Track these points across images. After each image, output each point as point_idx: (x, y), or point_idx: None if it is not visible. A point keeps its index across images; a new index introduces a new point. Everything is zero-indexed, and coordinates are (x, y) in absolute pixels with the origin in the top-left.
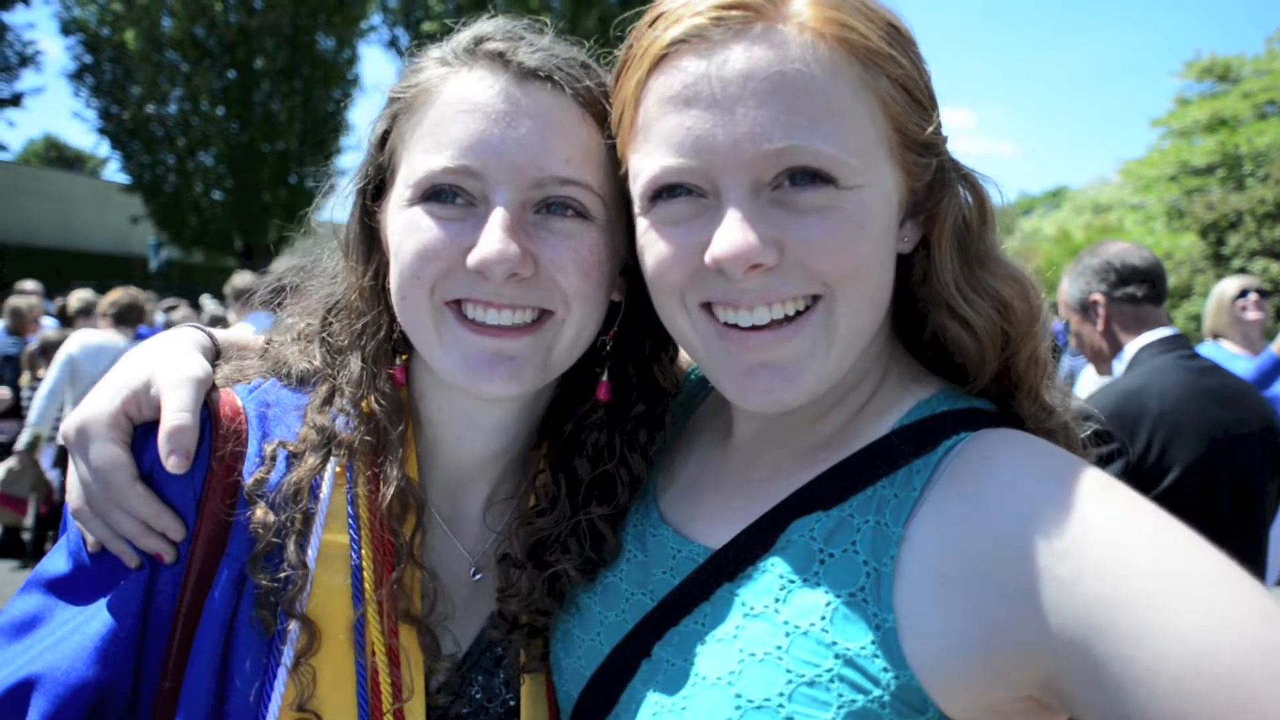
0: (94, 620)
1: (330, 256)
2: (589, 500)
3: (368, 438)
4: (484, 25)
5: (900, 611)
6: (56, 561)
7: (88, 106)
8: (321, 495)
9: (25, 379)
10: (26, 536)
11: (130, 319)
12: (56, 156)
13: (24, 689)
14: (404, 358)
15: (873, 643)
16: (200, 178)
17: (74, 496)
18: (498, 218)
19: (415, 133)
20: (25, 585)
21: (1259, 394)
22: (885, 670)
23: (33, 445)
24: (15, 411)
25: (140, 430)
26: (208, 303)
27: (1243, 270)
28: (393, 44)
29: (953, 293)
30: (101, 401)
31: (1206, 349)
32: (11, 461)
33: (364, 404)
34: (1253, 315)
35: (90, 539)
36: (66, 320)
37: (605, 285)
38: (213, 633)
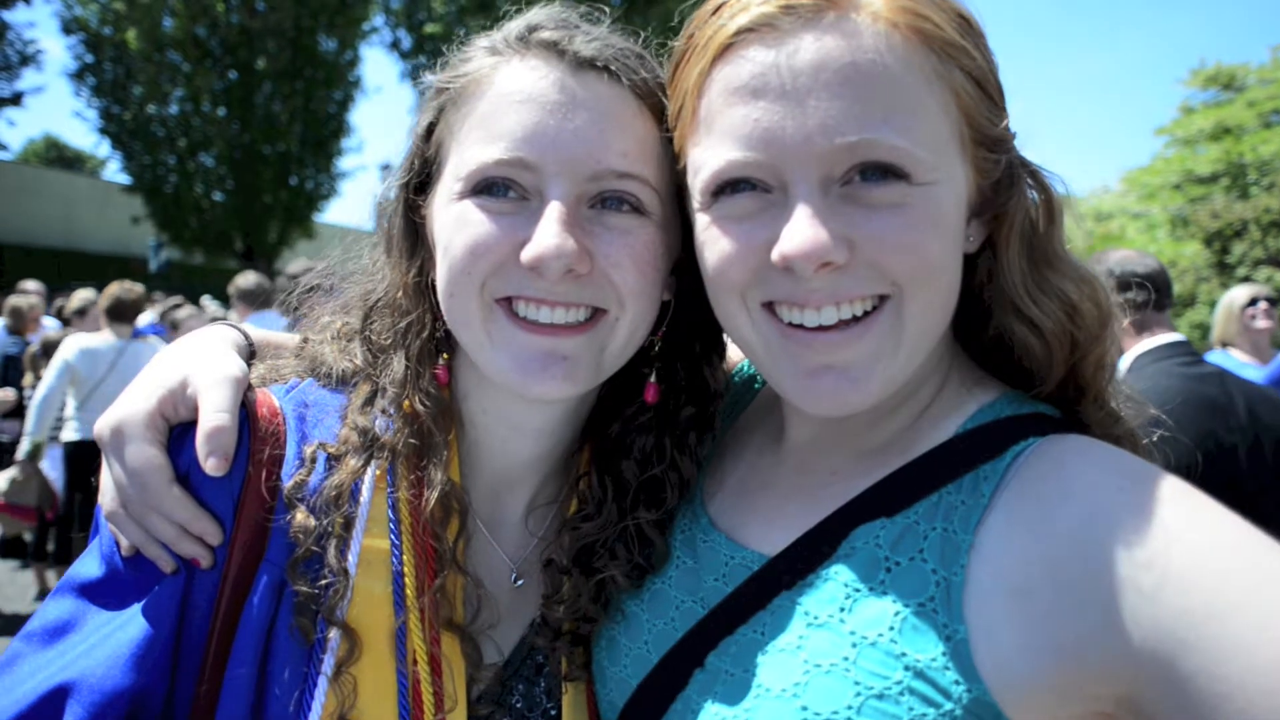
0: (128, 626)
1: (369, 252)
2: (637, 504)
3: (412, 440)
4: (535, 14)
5: (972, 622)
6: (89, 565)
7: (89, 106)
8: (362, 499)
9: (28, 379)
10: (28, 537)
11: (127, 315)
12: (56, 156)
13: (58, 696)
14: (446, 357)
15: (944, 654)
16: (201, 178)
17: (108, 499)
18: (554, 211)
19: (465, 124)
20: (57, 589)
21: (1275, 402)
22: (957, 683)
23: (34, 453)
24: (19, 412)
25: (176, 431)
26: (208, 303)
27: (1247, 279)
28: (395, 46)
29: (1020, 294)
30: (137, 401)
31: (1215, 357)
32: (14, 471)
33: (407, 405)
34: (1262, 324)
35: (124, 543)
36: (65, 321)
37: (660, 283)
38: (251, 640)
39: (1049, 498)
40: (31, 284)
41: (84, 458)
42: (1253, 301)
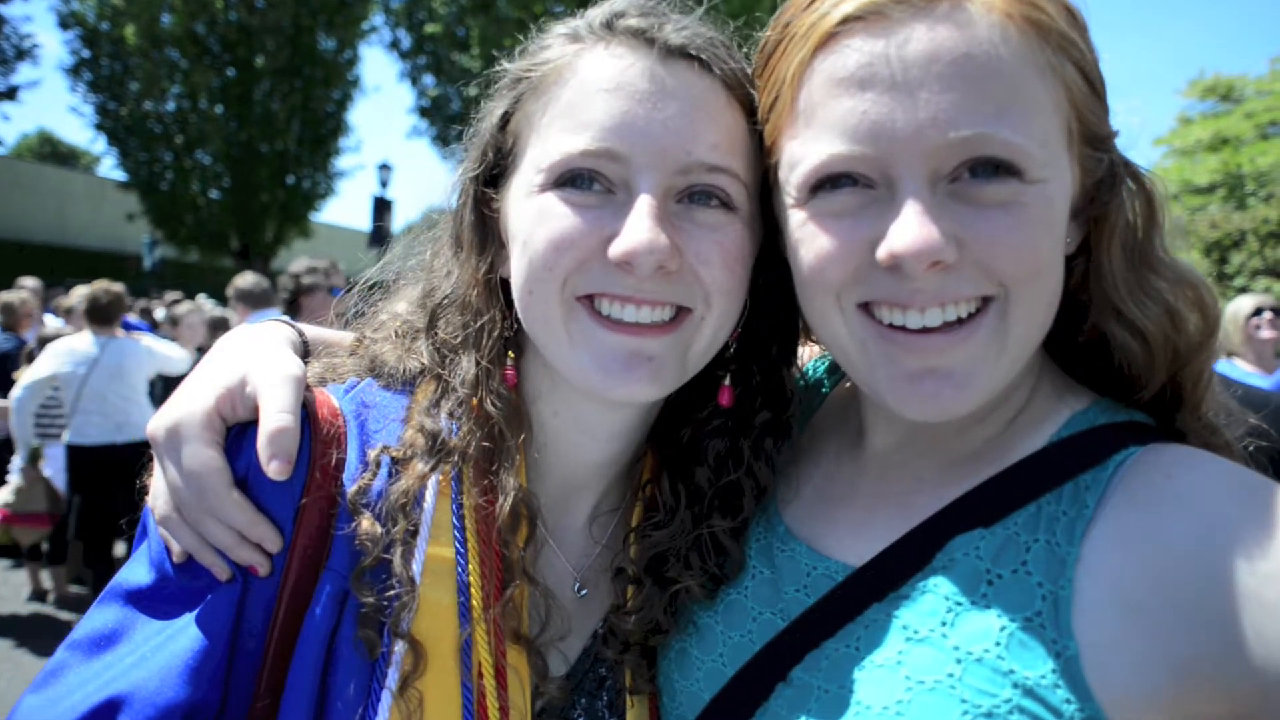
0: (181, 636)
1: (428, 248)
2: (711, 512)
3: (484, 443)
4: (616, 1)
5: (1082, 638)
6: (137, 572)
7: (85, 102)
8: (425, 505)
9: (21, 374)
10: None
11: (106, 314)
12: (50, 152)
13: (109, 709)
14: (513, 357)
15: (1053, 671)
16: (198, 176)
17: (161, 503)
18: (645, 205)
19: (546, 113)
20: (103, 596)
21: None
22: (1068, 701)
23: (32, 458)
24: None
25: (233, 432)
26: (204, 302)
27: (1245, 289)
28: (394, 45)
29: (1121, 296)
30: (194, 400)
31: (1221, 367)
32: (17, 481)
33: (476, 406)
34: (1267, 334)
35: (176, 548)
36: (65, 317)
37: (746, 282)
38: (312, 652)
39: (1159, 510)
40: (30, 281)
41: (80, 460)
42: (1257, 311)
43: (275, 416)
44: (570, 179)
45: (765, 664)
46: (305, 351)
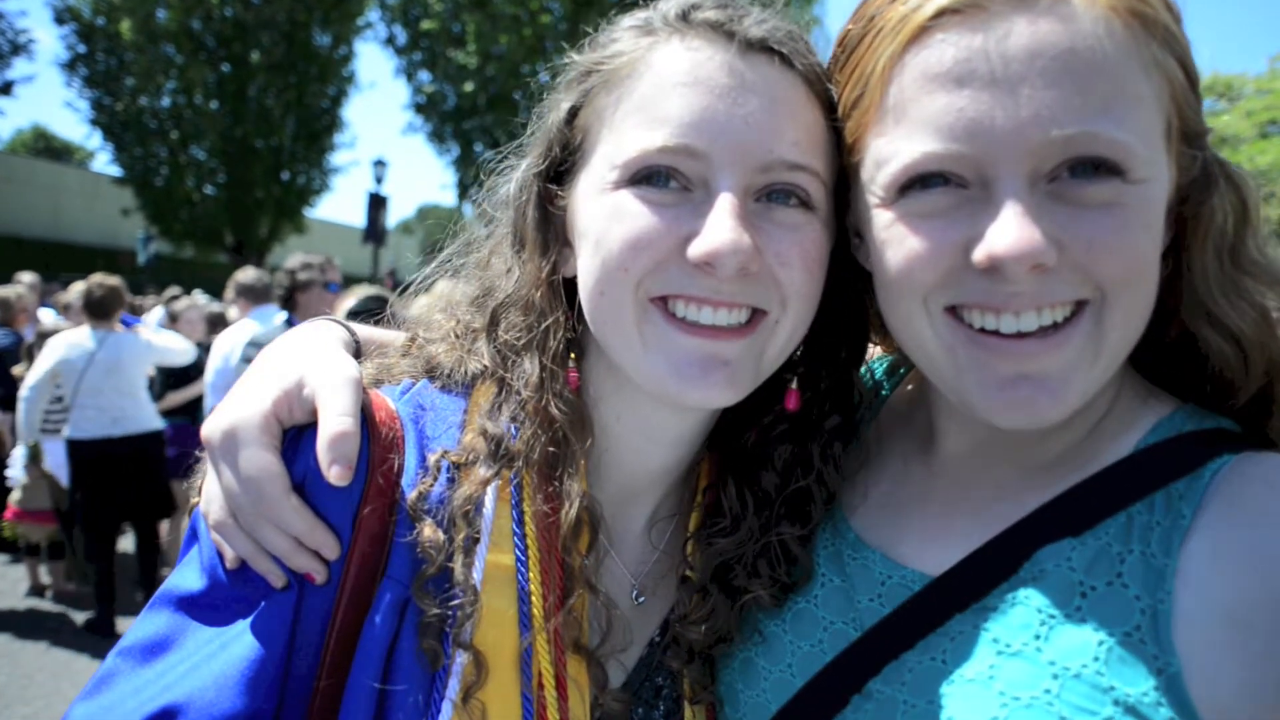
0: (236, 644)
1: (483, 245)
2: (779, 519)
3: (550, 448)
4: None
5: (1184, 655)
6: (188, 578)
7: (80, 97)
8: (485, 511)
9: (20, 369)
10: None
11: (103, 308)
12: (45, 147)
13: (165, 718)
14: (574, 359)
15: (1155, 689)
16: (192, 172)
17: (215, 508)
18: (727, 204)
19: (620, 108)
20: (153, 603)
21: None
22: None
23: (33, 456)
24: (10, 403)
25: (289, 435)
26: (200, 297)
27: None
28: (390, 41)
29: (1214, 298)
30: (251, 403)
31: None
32: (22, 478)
33: (536, 409)
34: None
35: (230, 554)
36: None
37: (822, 284)
38: (372, 662)
39: (1264, 523)
40: (27, 276)
41: (79, 455)
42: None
43: (336, 420)
44: (646, 176)
45: (838, 675)
46: (357, 351)
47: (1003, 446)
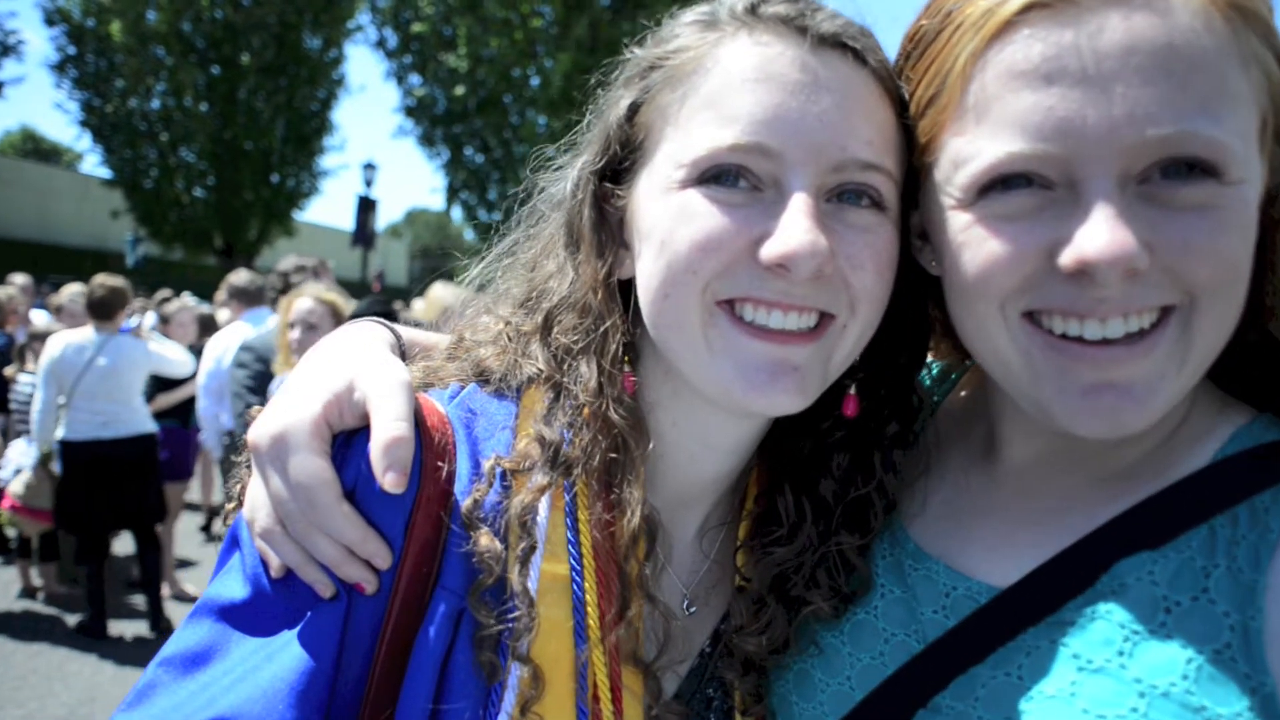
0: (283, 655)
1: (528, 246)
2: (839, 528)
3: (612, 454)
4: None
5: (1278, 674)
6: (230, 586)
7: (70, 98)
8: (539, 519)
9: (11, 370)
10: (12, 532)
11: (107, 310)
12: (33, 148)
13: None
14: (627, 362)
15: (1249, 709)
16: (182, 174)
17: (262, 515)
18: (803, 204)
19: (686, 104)
20: (194, 612)
21: None
22: None
23: (44, 459)
24: (2, 405)
25: (338, 441)
26: (189, 300)
27: None
28: (380, 44)
29: None
30: (300, 407)
31: None
32: (29, 476)
33: (599, 416)
34: None
35: (275, 563)
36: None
37: (891, 287)
38: (426, 675)
39: None
40: (19, 277)
41: (70, 456)
42: None
43: (391, 425)
44: (715, 175)
45: (902, 689)
46: (401, 354)
47: (1071, 455)
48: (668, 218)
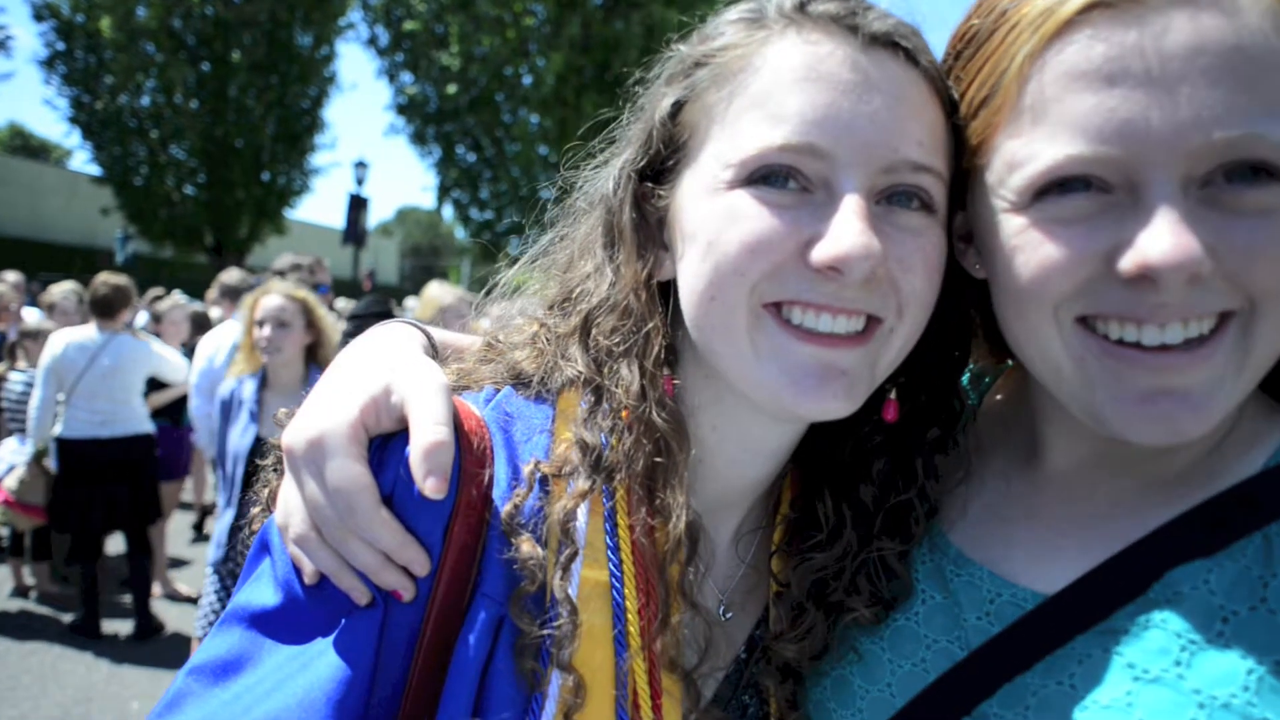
0: (319, 664)
1: (562, 246)
2: (881, 533)
3: (657, 458)
4: None
5: None
6: (261, 593)
7: (59, 95)
8: (578, 524)
9: (2, 368)
10: (4, 531)
11: (109, 308)
12: (22, 145)
13: None
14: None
15: None
16: (172, 171)
17: (296, 520)
18: (856, 206)
19: (734, 103)
20: (224, 619)
21: None
22: None
23: (39, 455)
24: None
25: (374, 445)
26: (179, 297)
27: None
28: (372, 42)
29: None
30: (337, 411)
31: None
32: (22, 472)
33: (641, 420)
34: None
35: (309, 569)
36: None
37: (938, 291)
38: (465, 684)
39: None
40: (11, 275)
41: (67, 454)
42: None
43: (431, 429)
44: (764, 176)
45: (946, 696)
46: (433, 356)
47: (1118, 461)
48: (715, 219)
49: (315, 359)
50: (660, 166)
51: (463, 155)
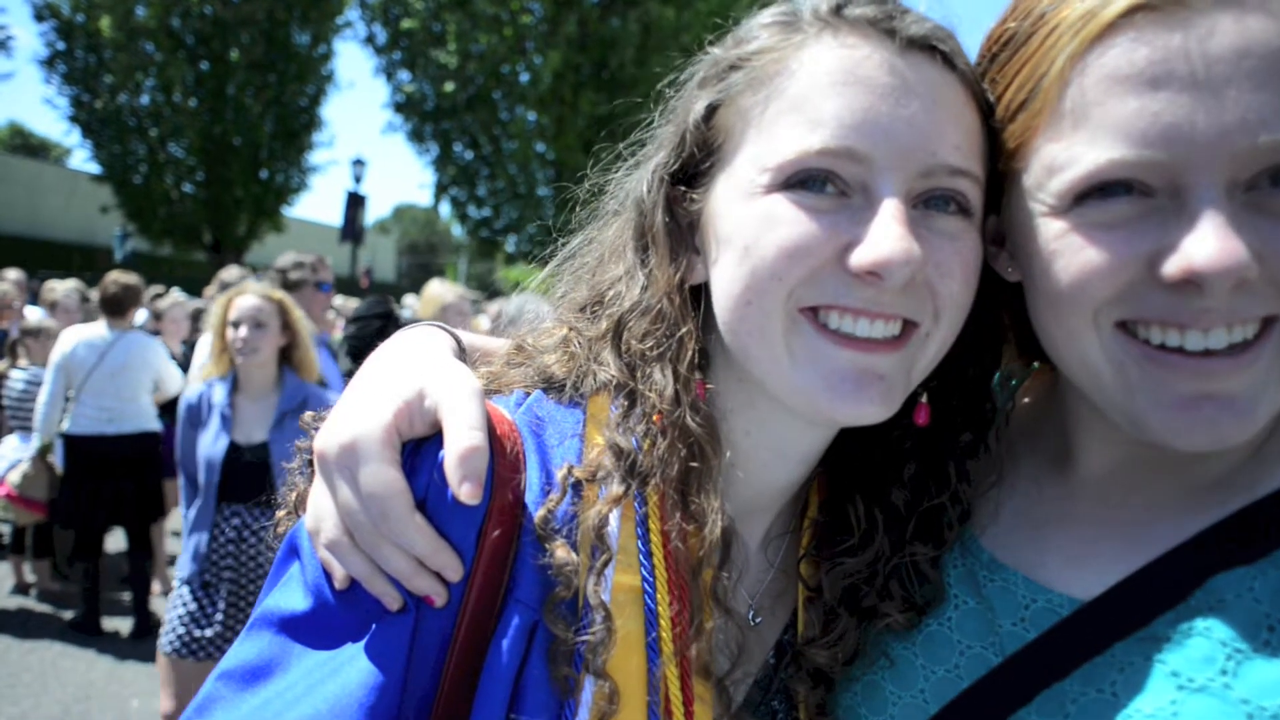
0: (350, 669)
1: (590, 249)
2: (913, 538)
3: (693, 463)
4: None
5: None
6: (290, 598)
7: (59, 94)
8: (610, 529)
9: (4, 365)
10: (5, 528)
11: (121, 308)
12: (21, 144)
13: None
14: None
15: None
16: (171, 170)
17: (328, 525)
18: (895, 210)
19: (770, 107)
20: (253, 624)
21: None
22: None
23: (44, 451)
24: None
25: (407, 449)
26: (179, 295)
27: None
28: (369, 40)
29: None
30: (371, 416)
31: None
32: (26, 466)
33: (676, 424)
34: None
35: (339, 574)
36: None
37: (974, 295)
38: (499, 690)
39: None
40: (12, 273)
41: (73, 450)
42: None
43: (466, 434)
44: (802, 180)
45: (981, 702)
46: (461, 359)
47: (1154, 466)
48: (752, 223)
49: (289, 361)
50: (693, 170)
51: (460, 153)
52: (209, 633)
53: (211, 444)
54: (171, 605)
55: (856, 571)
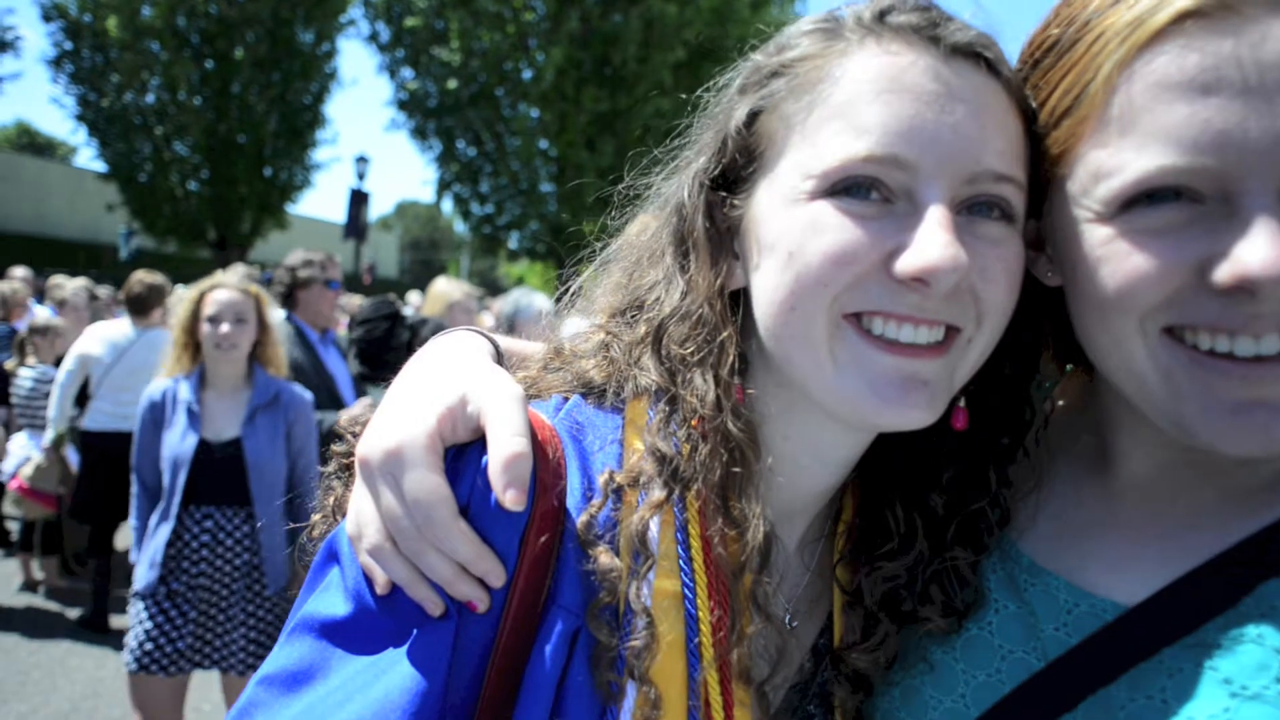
0: (392, 675)
1: (631, 254)
2: (953, 542)
3: (734, 469)
4: None
5: None
6: (332, 603)
7: (66, 93)
8: (651, 535)
9: (12, 363)
10: (14, 525)
11: (145, 307)
12: (28, 143)
13: None
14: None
15: None
16: (176, 168)
17: (371, 531)
18: (941, 217)
19: (813, 114)
20: (293, 629)
21: None
22: None
23: (57, 442)
24: (3, 398)
25: (449, 455)
26: (184, 292)
27: None
28: (373, 38)
29: None
30: (415, 421)
31: None
32: (39, 459)
33: (716, 429)
34: None
35: (381, 579)
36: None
37: (1016, 301)
38: (541, 696)
39: None
40: (21, 270)
41: (88, 445)
42: None
43: (510, 440)
44: (846, 187)
45: (1024, 708)
46: (499, 364)
47: (1199, 470)
48: (797, 229)
49: (259, 358)
50: (734, 176)
51: (463, 150)
52: (181, 645)
53: (179, 442)
54: (134, 620)
55: (896, 575)
